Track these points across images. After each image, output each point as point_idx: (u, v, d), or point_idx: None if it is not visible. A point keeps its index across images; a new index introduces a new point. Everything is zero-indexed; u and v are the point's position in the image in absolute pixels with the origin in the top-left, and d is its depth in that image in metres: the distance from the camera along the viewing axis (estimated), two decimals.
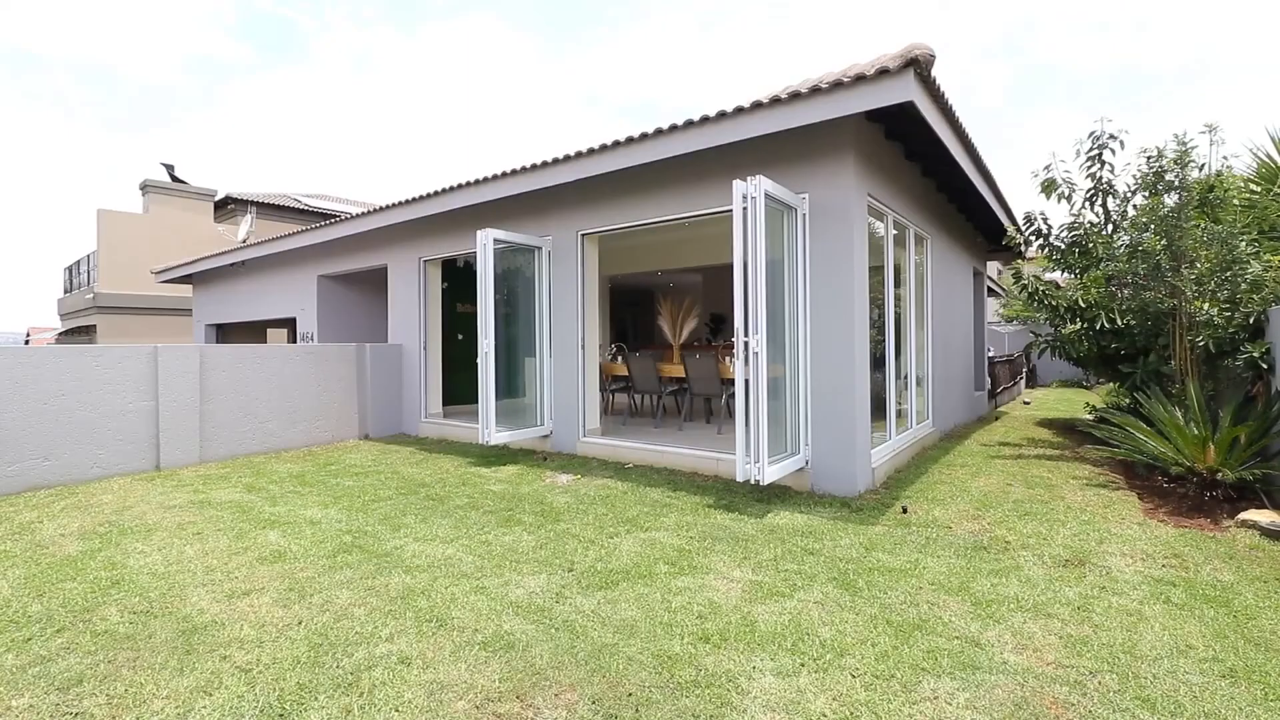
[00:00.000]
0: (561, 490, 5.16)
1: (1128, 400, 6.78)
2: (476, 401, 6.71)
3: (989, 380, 10.92)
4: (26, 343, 26.70)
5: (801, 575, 3.28)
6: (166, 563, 3.60)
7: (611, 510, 4.52)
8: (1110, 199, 6.79)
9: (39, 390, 5.62)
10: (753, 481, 4.42)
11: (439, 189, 7.35)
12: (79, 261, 19.67)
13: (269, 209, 19.25)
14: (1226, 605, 2.90)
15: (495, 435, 6.38)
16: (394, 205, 7.99)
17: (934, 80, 4.48)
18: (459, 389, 9.47)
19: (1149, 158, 6.24)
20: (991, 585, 3.14)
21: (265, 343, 15.55)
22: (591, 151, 5.84)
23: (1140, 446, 5.13)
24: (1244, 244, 5.46)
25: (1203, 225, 5.59)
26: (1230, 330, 5.37)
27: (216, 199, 19.24)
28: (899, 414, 6.32)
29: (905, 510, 4.41)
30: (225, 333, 14.14)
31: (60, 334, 20.89)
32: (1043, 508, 4.51)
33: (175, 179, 18.60)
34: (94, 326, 16.92)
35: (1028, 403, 12.54)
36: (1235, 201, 6.07)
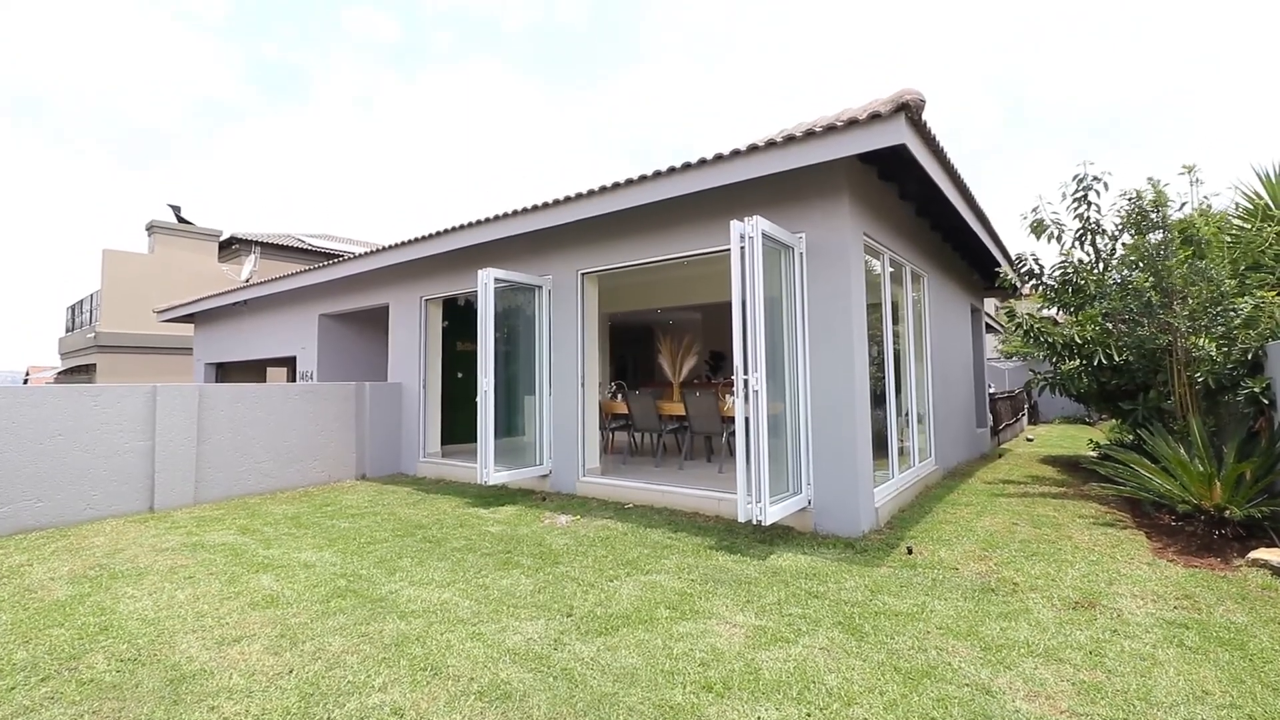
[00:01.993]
0: (560, 531, 5.09)
1: (1131, 437, 6.74)
2: (475, 440, 6.67)
3: (990, 417, 10.88)
4: (25, 382, 26.68)
5: (806, 619, 3.21)
6: (156, 608, 3.52)
7: (611, 552, 4.44)
8: (1099, 238, 6.89)
9: (36, 430, 5.59)
10: (755, 522, 4.36)
11: (441, 229, 7.46)
12: (82, 301, 19.82)
13: (273, 249, 19.49)
14: (1242, 648, 2.83)
15: (494, 475, 6.31)
16: (396, 245, 8.09)
17: (925, 124, 4.59)
18: (458, 428, 9.42)
19: (1129, 199, 6.38)
20: (1001, 629, 3.06)
21: (265, 382, 15.55)
22: (591, 193, 5.94)
23: (1146, 484, 5.09)
24: (1228, 279, 5.52)
25: (1188, 262, 5.66)
26: (1228, 366, 5.37)
27: (221, 239, 19.50)
28: (901, 452, 6.27)
29: (910, 551, 4.34)
30: (225, 371, 14.14)
31: (59, 373, 20.89)
32: (1050, 548, 4.44)
33: (181, 220, 18.88)
34: (94, 365, 16.93)
35: (1030, 440, 12.47)
36: (1225, 238, 6.15)
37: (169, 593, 3.77)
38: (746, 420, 4.42)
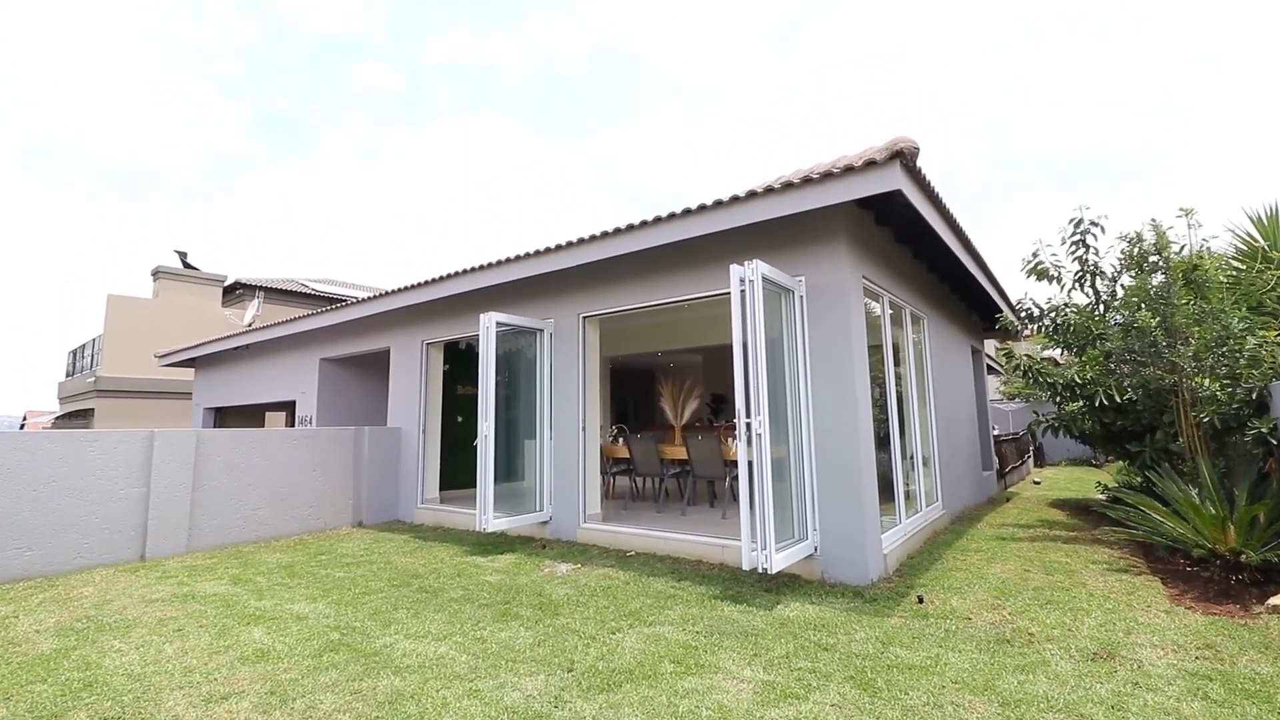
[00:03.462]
0: (561, 581, 4.96)
1: (1139, 479, 6.65)
2: (474, 485, 6.58)
3: (996, 459, 10.77)
4: (22, 426, 26.54)
5: (816, 674, 3.09)
6: (143, 662, 3.40)
7: (613, 603, 4.32)
8: (1099, 280, 6.94)
9: (30, 476, 5.52)
10: (760, 570, 4.25)
11: (443, 274, 7.53)
12: (84, 345, 19.88)
13: (276, 293, 19.67)
14: (1269, 701, 2.71)
15: (493, 522, 6.20)
16: (398, 290, 8.16)
17: (919, 170, 4.68)
18: (457, 472, 9.32)
19: (1129, 241, 6.45)
20: (1018, 683, 2.95)
21: (263, 426, 15.46)
22: (593, 238, 6.02)
23: (1158, 528, 4.99)
24: (1236, 320, 5.53)
25: (1192, 302, 5.69)
26: (1234, 406, 5.34)
27: (226, 284, 19.70)
28: (908, 496, 6.18)
29: (921, 600, 4.22)
30: (223, 416, 14.08)
31: (57, 418, 20.79)
32: (1064, 595, 4.32)
33: (187, 265, 19.11)
34: (92, 410, 16.86)
35: (1038, 482, 12.31)
36: (1221, 279, 6.20)
37: (157, 646, 3.65)
38: (750, 464, 4.36)
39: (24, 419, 28.06)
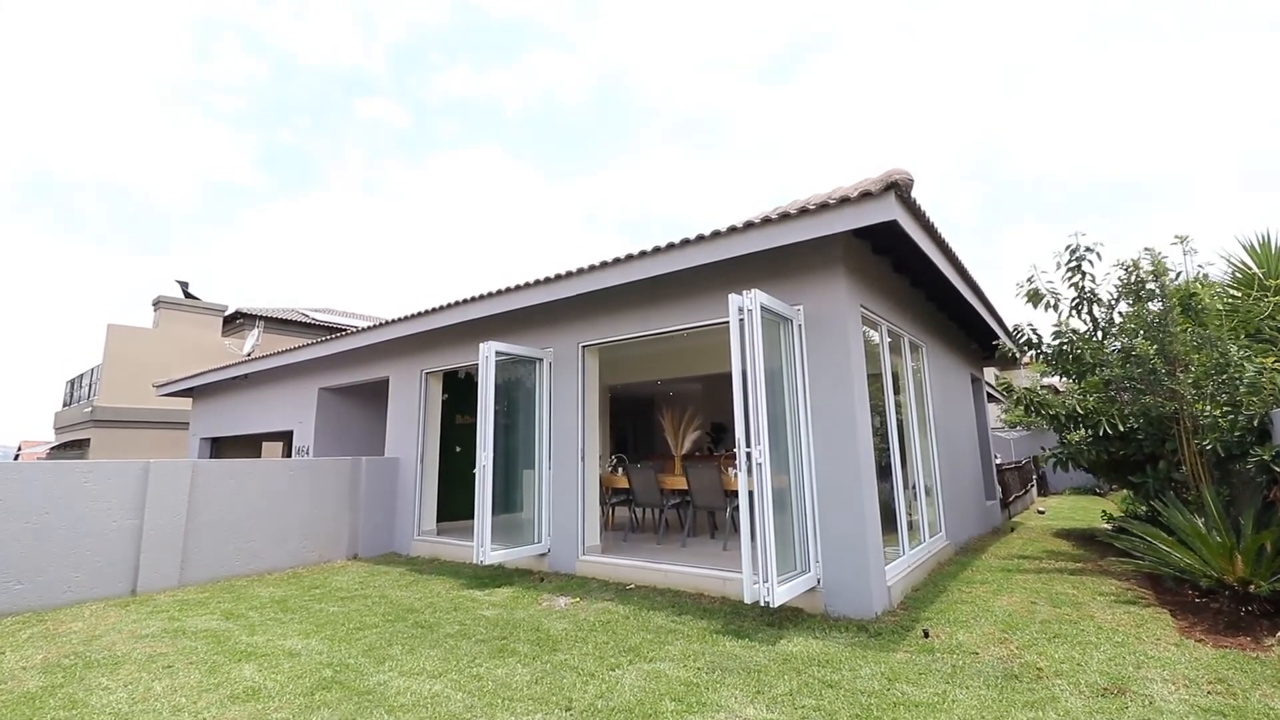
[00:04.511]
0: (559, 615, 4.87)
1: (1144, 508, 6.58)
2: (472, 517, 6.50)
3: (999, 489, 10.67)
4: (17, 457, 26.34)
5: (821, 712, 3.01)
6: (131, 701, 3.31)
7: (612, 638, 4.23)
8: (1096, 307, 6.97)
9: (23, 508, 5.46)
10: (762, 603, 4.17)
11: (443, 304, 7.56)
12: (82, 375, 19.85)
13: (276, 323, 19.72)
14: None
15: (490, 554, 6.10)
16: (398, 320, 8.18)
17: (914, 200, 4.74)
18: (454, 503, 9.22)
19: (1126, 268, 6.49)
20: None
21: (260, 456, 15.36)
22: (592, 268, 6.06)
23: (1165, 558, 4.92)
24: (1235, 347, 5.54)
25: (1190, 330, 5.70)
26: (1236, 433, 5.31)
27: (226, 314, 19.77)
28: (911, 526, 6.10)
29: (927, 634, 4.14)
30: (220, 446, 13.99)
31: (52, 448, 20.65)
32: (1072, 628, 4.23)
33: (189, 295, 19.20)
34: (87, 440, 16.76)
35: (1042, 512, 12.18)
36: (1219, 306, 6.23)
37: (145, 684, 3.56)
38: (751, 494, 4.32)
39: (19, 449, 27.87)
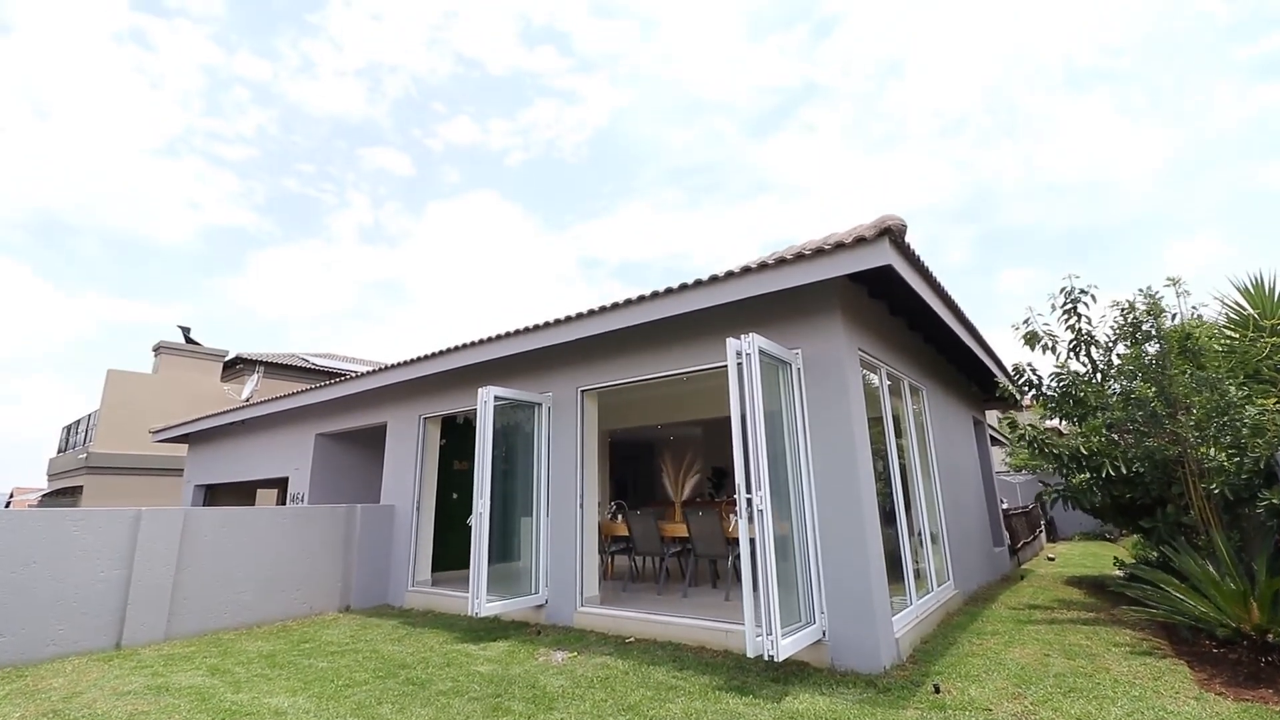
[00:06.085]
0: (556, 671, 4.70)
1: (1155, 554, 6.44)
2: (467, 566, 6.34)
3: (1007, 534, 10.47)
4: (8, 504, 25.96)
5: None
6: None
7: (611, 695, 4.07)
8: (1093, 349, 6.97)
9: (11, 558, 5.34)
10: (766, 657, 4.03)
11: (442, 349, 7.57)
12: (79, 421, 19.73)
13: (276, 368, 19.73)
14: None
15: (486, 606, 5.93)
16: (397, 365, 8.17)
17: (908, 245, 4.80)
18: (450, 552, 9.02)
19: (1122, 310, 6.52)
20: None
21: (254, 504, 15.12)
22: (591, 313, 6.09)
23: (1179, 606, 4.79)
24: (1234, 388, 5.52)
25: (1189, 371, 5.68)
26: (1243, 476, 5.24)
27: (226, 359, 19.80)
28: (918, 575, 5.96)
29: (938, 689, 3.98)
30: (214, 493, 13.79)
31: (44, 495, 20.37)
32: (1088, 682, 4.08)
33: (190, 340, 19.28)
34: (80, 487, 16.54)
35: (1052, 558, 11.92)
36: (1216, 348, 6.23)
37: None
38: (752, 542, 4.23)
39: (10, 496, 27.49)
